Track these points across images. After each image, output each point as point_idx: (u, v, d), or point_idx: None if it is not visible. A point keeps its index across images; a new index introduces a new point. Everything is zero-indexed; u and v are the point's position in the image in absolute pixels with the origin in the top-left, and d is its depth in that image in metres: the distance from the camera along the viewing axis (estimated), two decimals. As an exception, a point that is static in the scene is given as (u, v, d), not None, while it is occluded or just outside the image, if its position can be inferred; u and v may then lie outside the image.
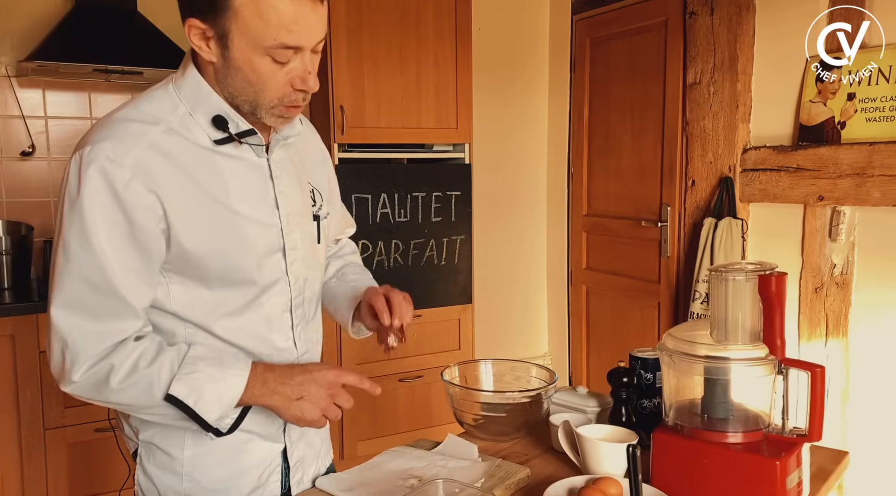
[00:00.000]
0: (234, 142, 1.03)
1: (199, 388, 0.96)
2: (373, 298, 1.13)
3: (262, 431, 1.12)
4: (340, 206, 1.36)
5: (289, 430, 1.15)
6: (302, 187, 1.15)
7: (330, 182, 1.28)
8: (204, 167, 1.00)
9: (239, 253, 1.02)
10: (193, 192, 0.98)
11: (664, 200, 3.06)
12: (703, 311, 2.79)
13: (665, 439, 1.16)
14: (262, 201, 1.06)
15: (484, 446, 1.33)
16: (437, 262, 2.99)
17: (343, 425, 2.87)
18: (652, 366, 1.36)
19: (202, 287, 1.00)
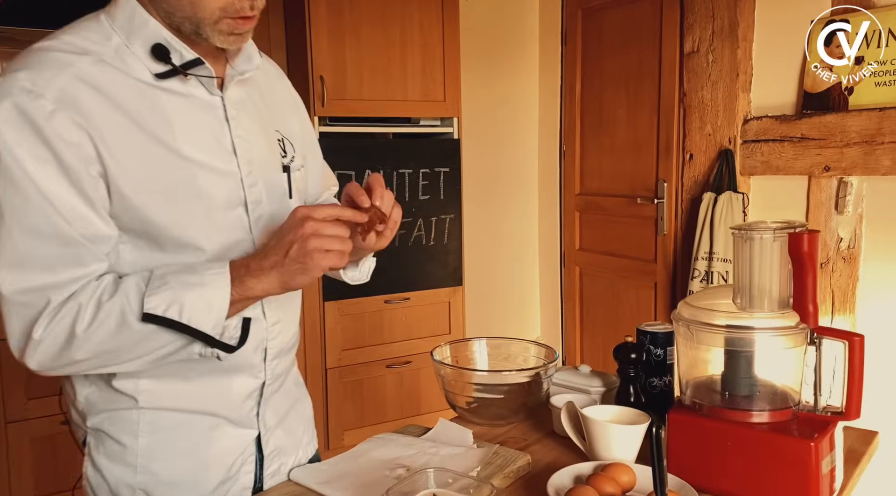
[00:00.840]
0: (178, 75, 0.89)
1: (178, 299, 0.82)
2: (347, 189, 0.94)
3: (231, 415, 0.99)
4: (322, 162, 1.22)
5: (263, 414, 1.02)
6: (266, 133, 1.01)
7: (304, 131, 1.14)
8: (144, 105, 0.86)
9: (192, 206, 0.88)
10: (132, 133, 0.84)
11: (660, 176, 2.96)
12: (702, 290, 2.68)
13: (682, 420, 1.06)
14: (217, 145, 0.92)
15: (479, 431, 1.23)
16: (425, 243, 2.89)
17: (327, 414, 2.75)
18: (662, 340, 1.27)
19: (156, 248, 0.87)
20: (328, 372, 2.73)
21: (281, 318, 1.02)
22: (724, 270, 2.66)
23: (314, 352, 2.71)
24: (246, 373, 0.98)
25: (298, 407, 1.14)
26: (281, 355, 1.03)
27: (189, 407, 0.96)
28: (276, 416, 1.05)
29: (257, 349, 0.98)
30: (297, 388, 1.16)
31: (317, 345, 2.71)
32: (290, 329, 1.06)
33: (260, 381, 1.00)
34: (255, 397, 1.01)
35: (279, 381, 1.05)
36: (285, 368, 1.07)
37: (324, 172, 1.23)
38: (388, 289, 2.82)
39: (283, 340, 1.03)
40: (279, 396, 1.06)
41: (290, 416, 1.10)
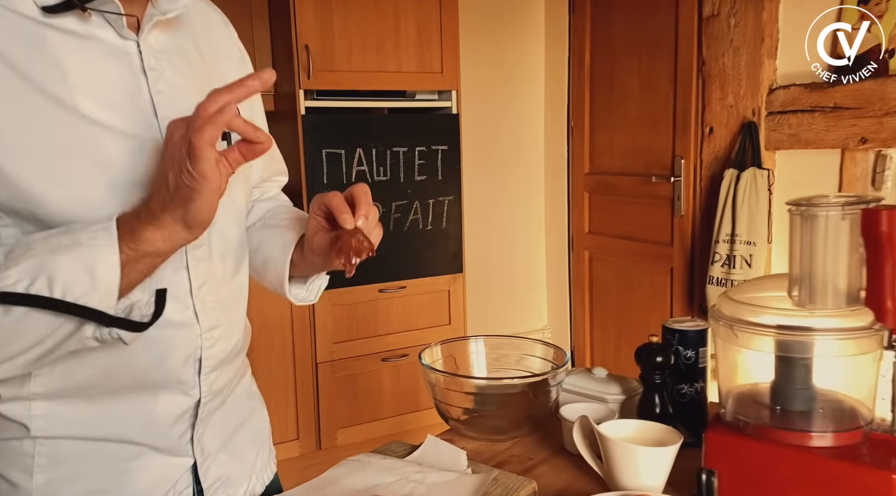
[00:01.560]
0: (75, 10, 0.69)
1: (44, 267, 0.62)
2: (328, 199, 0.78)
3: (157, 442, 0.80)
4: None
5: (200, 439, 0.84)
6: (200, 91, 0.79)
7: (252, 101, 0.94)
8: (29, 48, 0.67)
9: (94, 180, 0.69)
10: (10, 83, 0.65)
11: (677, 152, 2.80)
12: (724, 275, 2.52)
13: (721, 441, 0.89)
14: (129, 103, 0.72)
15: (475, 448, 1.07)
16: (422, 227, 2.75)
17: (319, 411, 2.59)
18: (693, 340, 1.09)
19: (44, 229, 0.69)
20: (319, 366, 2.57)
21: (220, 322, 0.82)
22: (748, 254, 2.48)
23: (303, 345, 2.55)
24: (173, 390, 0.79)
25: (250, 424, 0.96)
26: (222, 366, 0.84)
27: (98, 434, 0.77)
28: (219, 439, 0.87)
29: (188, 360, 0.79)
30: (250, 401, 0.98)
31: (306, 337, 2.54)
32: (232, 334, 0.86)
33: (193, 400, 0.82)
34: (188, 419, 0.82)
35: (220, 397, 0.87)
36: (229, 380, 0.88)
37: (272, 155, 1.03)
38: (382, 278, 2.69)
39: (224, 348, 0.84)
40: (222, 414, 0.88)
41: (238, 437, 0.92)
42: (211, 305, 0.80)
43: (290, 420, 2.55)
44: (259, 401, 1.00)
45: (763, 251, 2.46)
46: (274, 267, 0.90)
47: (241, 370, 0.94)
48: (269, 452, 1.01)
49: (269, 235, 0.92)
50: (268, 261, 0.91)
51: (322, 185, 2.51)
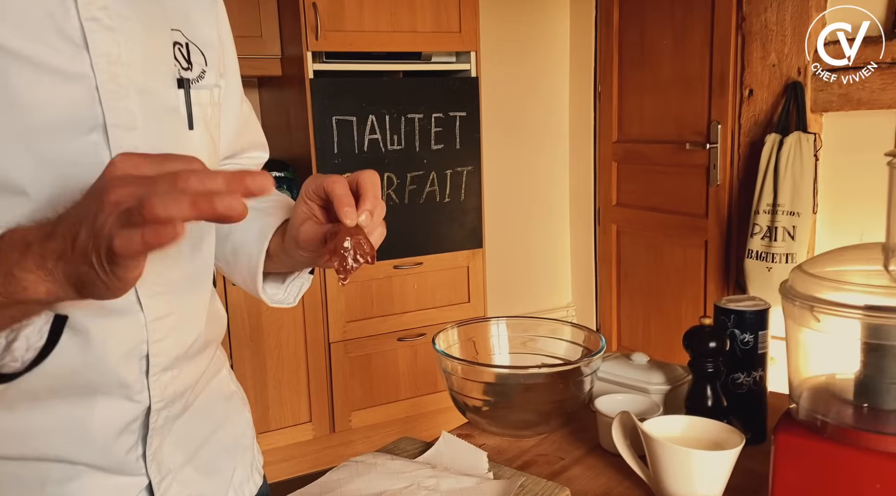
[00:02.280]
0: None
1: None
2: (329, 185, 0.64)
3: (96, 460, 0.66)
4: (241, 101, 0.85)
5: (157, 454, 0.69)
6: (152, 26, 0.66)
7: (223, 42, 0.78)
8: None
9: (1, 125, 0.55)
10: None
11: (713, 117, 2.66)
12: (764, 249, 2.37)
13: (795, 444, 0.75)
14: (51, 29, 0.58)
15: (497, 445, 0.95)
16: (439, 200, 2.62)
17: (332, 393, 2.50)
18: (752, 322, 0.95)
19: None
20: (331, 346, 2.47)
21: (172, 310, 0.67)
22: (791, 225, 2.33)
23: (315, 324, 2.45)
24: (114, 395, 0.65)
25: (226, 430, 0.82)
26: (179, 365, 0.70)
27: (21, 451, 0.63)
28: (183, 452, 0.73)
29: (130, 357, 0.64)
30: (226, 403, 0.83)
31: (318, 316, 2.44)
32: (190, 325, 0.71)
33: (141, 406, 0.67)
34: (138, 430, 0.68)
35: (181, 402, 0.72)
36: (193, 381, 0.73)
37: (246, 121, 0.86)
38: (397, 253, 2.57)
39: (180, 343, 0.69)
40: (188, 422, 0.74)
41: (209, 447, 0.78)
42: (160, 289, 0.66)
43: (303, 402, 2.46)
44: (238, 401, 0.86)
45: (808, 222, 2.32)
46: (246, 257, 0.75)
47: (213, 368, 0.79)
48: (252, 462, 0.86)
49: (237, 226, 0.78)
50: (239, 251, 0.76)
51: (332, 154, 2.38)
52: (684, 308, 2.85)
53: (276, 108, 2.67)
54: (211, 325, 0.75)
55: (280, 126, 2.64)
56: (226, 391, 0.83)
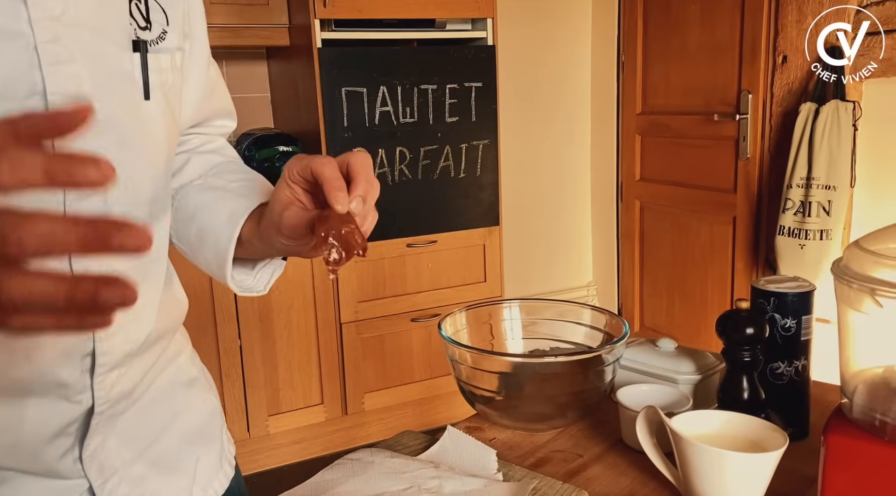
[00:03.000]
0: None
1: None
2: (317, 167, 0.58)
3: (26, 464, 0.59)
4: (208, 64, 0.76)
5: (94, 454, 0.62)
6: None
7: (190, 5, 0.70)
8: None
9: None
10: None
11: (744, 86, 2.54)
12: (797, 225, 2.27)
13: (849, 446, 0.66)
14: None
15: (508, 440, 0.87)
16: (454, 175, 2.54)
17: (344, 375, 2.45)
18: (794, 305, 0.85)
19: None
20: (343, 327, 2.41)
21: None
22: (826, 200, 2.22)
23: (326, 305, 2.39)
24: (50, 396, 0.58)
25: (186, 420, 0.74)
26: (129, 362, 0.62)
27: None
28: (131, 449, 0.66)
29: (71, 358, 0.57)
30: (186, 390, 0.75)
31: (329, 296, 2.38)
32: (142, 319, 0.63)
33: (82, 408, 0.60)
34: (75, 433, 0.61)
35: (129, 400, 0.65)
36: (142, 375, 0.66)
37: (213, 87, 0.77)
38: (410, 231, 2.49)
39: (131, 338, 0.62)
40: (135, 417, 0.67)
41: (165, 441, 0.70)
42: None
43: (314, 384, 2.41)
44: (201, 386, 0.78)
45: (844, 196, 2.20)
46: (214, 241, 0.68)
47: (168, 356, 0.72)
48: (221, 453, 0.77)
49: (210, 200, 0.71)
50: (206, 234, 0.69)
51: (342, 127, 2.30)
52: (710, 288, 2.75)
53: (285, 80, 2.59)
54: (166, 314, 0.68)
55: (288, 99, 2.56)
56: (185, 377, 0.75)
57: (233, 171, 0.75)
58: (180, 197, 0.73)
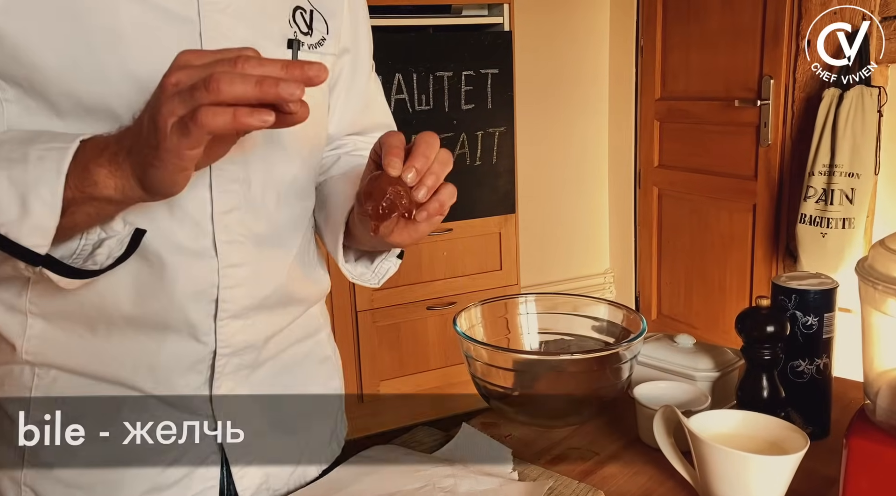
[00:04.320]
0: None
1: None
2: (384, 136, 0.65)
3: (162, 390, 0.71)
4: (371, 80, 0.86)
5: (225, 399, 0.73)
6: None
7: (355, 14, 0.80)
8: None
9: (103, 52, 0.61)
10: None
11: (766, 71, 2.50)
12: (819, 213, 2.24)
13: (872, 450, 0.65)
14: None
15: (523, 437, 0.87)
16: (470, 163, 2.54)
17: (360, 362, 2.49)
18: (816, 303, 0.84)
19: (51, 113, 0.62)
20: (359, 315, 2.44)
21: (248, 260, 0.70)
22: (849, 187, 2.18)
23: (341, 292, 2.42)
24: (182, 334, 0.70)
25: (311, 393, 0.85)
26: (250, 315, 0.72)
27: (98, 371, 0.70)
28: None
29: (200, 299, 0.69)
30: (320, 366, 0.85)
31: (344, 283, 2.38)
32: (267, 278, 0.73)
33: (207, 349, 0.71)
34: (205, 372, 0.72)
35: (254, 353, 0.75)
36: (269, 335, 0.76)
37: (373, 99, 0.87)
38: None
39: (254, 294, 0.72)
40: (268, 377, 0.78)
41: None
42: (239, 238, 0.69)
43: (330, 371, 2.43)
44: (331, 368, 0.88)
45: (868, 184, 2.16)
46: (333, 224, 0.75)
47: (304, 327, 0.81)
48: (334, 430, 0.86)
49: (340, 190, 0.78)
50: (329, 217, 0.77)
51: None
52: (729, 276, 2.73)
53: (300, 67, 2.59)
54: (299, 284, 0.77)
55: (304, 87, 2.57)
56: (321, 354, 0.85)
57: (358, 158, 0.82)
58: (320, 189, 0.80)
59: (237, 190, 0.68)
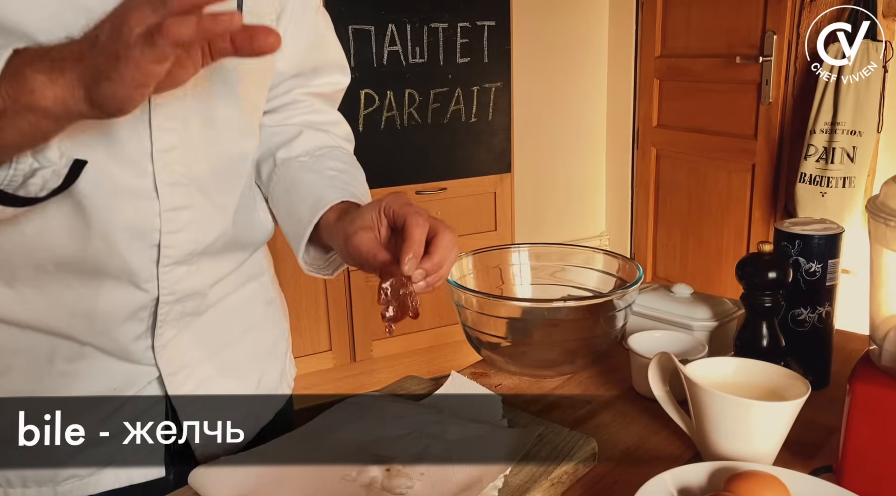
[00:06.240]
0: None
1: None
2: (410, 217, 0.63)
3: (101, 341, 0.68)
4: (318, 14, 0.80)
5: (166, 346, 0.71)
6: None
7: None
8: None
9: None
10: None
11: (768, 26, 2.44)
12: (819, 172, 2.22)
13: (877, 395, 0.64)
14: None
15: (515, 386, 0.86)
16: (465, 119, 2.51)
17: (352, 322, 2.48)
18: (821, 248, 0.82)
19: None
20: (351, 274, 2.42)
21: (192, 203, 0.66)
22: (851, 146, 2.16)
23: None
24: (122, 281, 0.66)
25: (256, 335, 0.82)
26: (195, 261, 0.69)
27: (32, 320, 0.66)
28: (203, 350, 0.74)
29: (140, 244, 0.65)
30: (264, 308, 0.83)
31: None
32: (212, 222, 0.69)
33: (149, 296, 0.68)
34: (146, 320, 0.69)
35: (198, 299, 0.72)
36: (213, 280, 0.73)
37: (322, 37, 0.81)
38: (419, 178, 2.48)
39: (198, 239, 0.69)
40: (211, 322, 0.75)
41: (235, 349, 0.78)
42: (181, 180, 0.65)
43: (322, 330, 2.43)
44: (276, 310, 0.85)
45: (870, 142, 2.14)
46: (296, 222, 0.74)
47: (248, 271, 0.78)
48: (282, 373, 0.85)
49: (304, 182, 0.76)
50: (292, 212, 0.75)
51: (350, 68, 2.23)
52: (726, 238, 2.71)
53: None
54: (242, 229, 0.74)
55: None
56: (264, 297, 0.82)
57: (334, 158, 0.79)
58: (283, 169, 0.77)
59: (176, 128, 0.64)
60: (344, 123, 0.87)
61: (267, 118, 0.78)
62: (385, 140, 2.34)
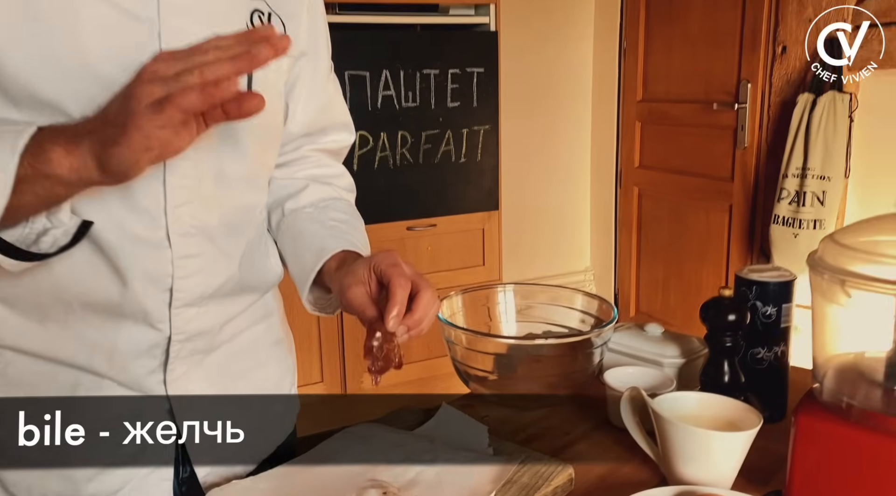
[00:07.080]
0: None
1: None
2: (394, 277, 0.70)
3: (119, 374, 0.73)
4: (329, 81, 0.87)
5: (177, 381, 0.76)
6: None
7: (314, 17, 0.82)
8: None
9: (60, 50, 0.62)
10: None
11: (743, 75, 2.55)
12: (791, 214, 2.30)
13: (817, 427, 0.71)
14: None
15: (500, 417, 0.91)
16: (454, 159, 2.57)
17: (344, 353, 2.49)
18: (775, 294, 0.90)
19: (8, 103, 0.63)
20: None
21: (202, 251, 0.72)
22: (821, 190, 2.24)
23: None
24: (139, 321, 0.72)
25: (264, 373, 0.87)
26: (204, 304, 0.75)
27: (55, 354, 0.71)
28: (212, 387, 0.79)
29: (155, 288, 0.71)
30: (272, 348, 0.88)
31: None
32: (220, 268, 0.75)
33: (162, 335, 0.74)
34: (159, 356, 0.74)
35: (207, 338, 0.77)
36: (223, 321, 0.78)
37: (330, 101, 0.87)
38: (411, 214, 2.53)
39: (208, 283, 0.74)
40: (221, 360, 0.80)
41: (242, 386, 0.83)
42: (192, 231, 0.71)
43: (314, 362, 2.46)
44: (285, 348, 0.91)
45: (839, 187, 2.23)
46: (301, 267, 0.80)
47: (257, 313, 0.84)
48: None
49: (310, 232, 0.83)
50: (297, 258, 0.82)
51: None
52: (706, 274, 2.79)
53: (289, 63, 2.61)
54: (253, 274, 0.80)
55: (292, 82, 2.59)
56: (273, 337, 0.87)
57: (336, 210, 0.87)
58: (291, 219, 0.85)
59: (190, 185, 0.69)
60: (347, 175, 0.94)
61: (277, 171, 0.85)
62: (379, 179, 2.40)
